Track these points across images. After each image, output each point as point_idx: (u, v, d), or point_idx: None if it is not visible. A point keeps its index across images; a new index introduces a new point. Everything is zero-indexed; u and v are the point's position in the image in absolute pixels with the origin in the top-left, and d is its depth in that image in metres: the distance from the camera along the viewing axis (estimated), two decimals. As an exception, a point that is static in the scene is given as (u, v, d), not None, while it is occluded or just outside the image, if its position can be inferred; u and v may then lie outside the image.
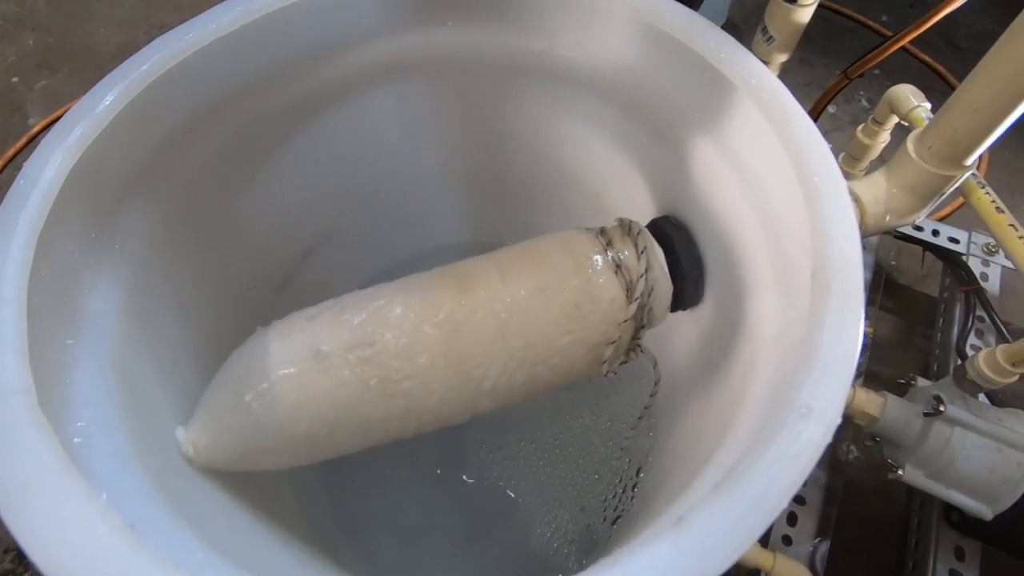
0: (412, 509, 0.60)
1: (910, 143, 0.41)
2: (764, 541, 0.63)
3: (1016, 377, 0.55)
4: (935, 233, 0.86)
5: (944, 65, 1.18)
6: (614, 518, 0.53)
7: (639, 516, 0.41)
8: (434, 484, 0.61)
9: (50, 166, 0.27)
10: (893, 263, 0.99)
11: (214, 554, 0.25)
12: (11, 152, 1.04)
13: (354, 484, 0.59)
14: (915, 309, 0.97)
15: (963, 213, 1.03)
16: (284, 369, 0.36)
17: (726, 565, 0.19)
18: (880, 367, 0.89)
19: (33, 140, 1.04)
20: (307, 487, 0.54)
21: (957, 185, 0.41)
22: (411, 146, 0.52)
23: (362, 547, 0.56)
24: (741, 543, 0.19)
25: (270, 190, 0.45)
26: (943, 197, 0.43)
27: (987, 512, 0.57)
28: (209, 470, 0.35)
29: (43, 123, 1.07)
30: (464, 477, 0.61)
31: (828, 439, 0.21)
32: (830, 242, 0.25)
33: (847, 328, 0.22)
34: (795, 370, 0.22)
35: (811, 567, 0.61)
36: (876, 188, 0.43)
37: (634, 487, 0.53)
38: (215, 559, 0.24)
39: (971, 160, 0.39)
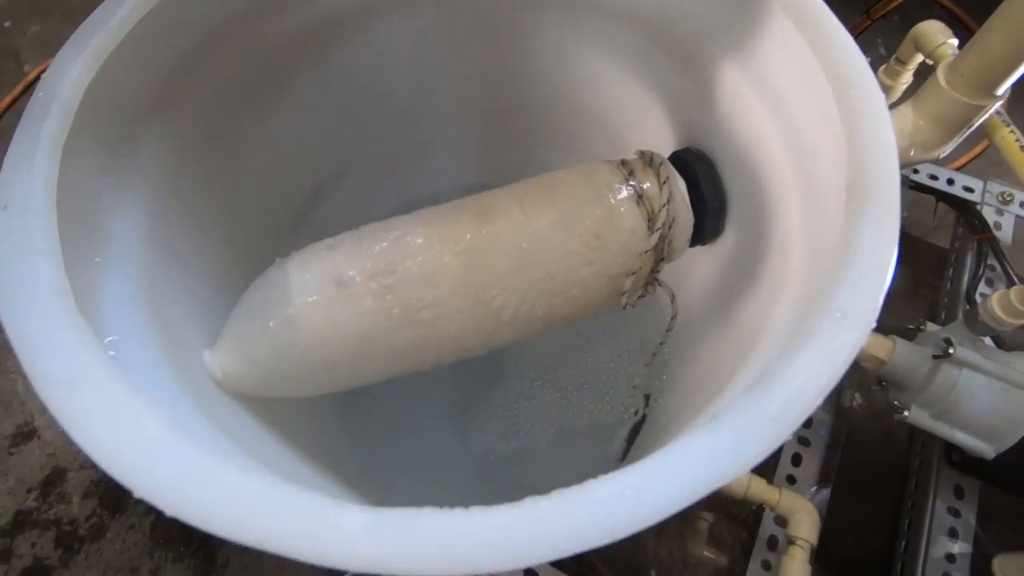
0: (425, 448, 0.62)
1: (940, 72, 0.40)
2: (770, 478, 0.65)
3: (1027, 319, 0.55)
4: (950, 182, 0.86)
5: (967, 12, 1.14)
6: (624, 453, 0.55)
7: (651, 446, 0.42)
8: (448, 424, 0.62)
9: (68, 77, 0.27)
10: (905, 214, 0.98)
11: (250, 459, 0.25)
12: (8, 99, 1.02)
13: (369, 422, 0.60)
14: (924, 260, 0.96)
15: (978, 164, 1.01)
16: (306, 297, 0.36)
17: (762, 456, 0.19)
18: (888, 316, 0.89)
19: (30, 87, 1.02)
20: (326, 422, 0.55)
21: (985, 117, 0.40)
22: (424, 80, 0.51)
23: (378, 483, 0.57)
24: (776, 438, 0.19)
25: (281, 123, 0.44)
26: (969, 130, 0.42)
27: (990, 451, 0.59)
28: (236, 395, 0.35)
29: (38, 69, 1.05)
30: (478, 416, 0.63)
31: (862, 343, 0.21)
32: (868, 153, 0.24)
33: (884, 236, 0.22)
34: (829, 278, 0.22)
35: (815, 504, 0.63)
36: (902, 120, 0.42)
37: (640, 427, 0.54)
38: (250, 463, 0.25)
39: (1003, 88, 0.38)
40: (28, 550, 0.78)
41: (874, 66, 0.87)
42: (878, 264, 0.22)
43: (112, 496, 0.80)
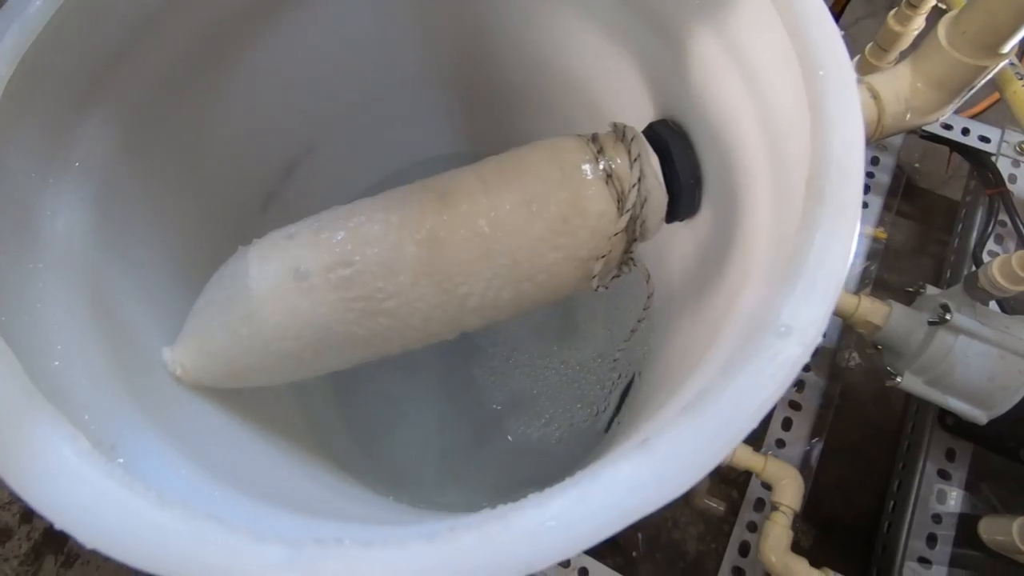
0: (416, 421, 0.62)
1: (941, 29, 0.36)
2: (758, 444, 0.65)
3: (1029, 285, 0.53)
4: (965, 132, 0.81)
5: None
6: (605, 427, 0.55)
7: (628, 425, 0.42)
8: (437, 392, 0.62)
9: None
10: (916, 165, 0.94)
11: (198, 471, 0.26)
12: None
13: (361, 396, 0.61)
14: (934, 214, 0.93)
15: (997, 110, 0.95)
16: (265, 290, 0.35)
17: (687, 486, 0.19)
18: (891, 274, 0.87)
19: None
20: (312, 402, 0.55)
21: (988, 78, 0.37)
22: (393, 50, 0.48)
23: (373, 456, 0.59)
24: (704, 466, 0.19)
25: (242, 100, 0.43)
26: (970, 93, 0.39)
27: (982, 417, 0.58)
28: (201, 388, 0.35)
29: None
30: (463, 392, 0.63)
31: (806, 359, 0.20)
32: (828, 146, 0.22)
33: (837, 244, 0.21)
34: (779, 286, 0.21)
35: (805, 465, 0.64)
36: (899, 82, 0.39)
37: (622, 401, 0.54)
38: (197, 476, 0.25)
39: (1008, 47, 0.35)
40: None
41: (884, 10, 0.81)
42: (828, 275, 0.20)
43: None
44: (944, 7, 0.51)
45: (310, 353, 0.37)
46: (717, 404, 0.19)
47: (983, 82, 0.38)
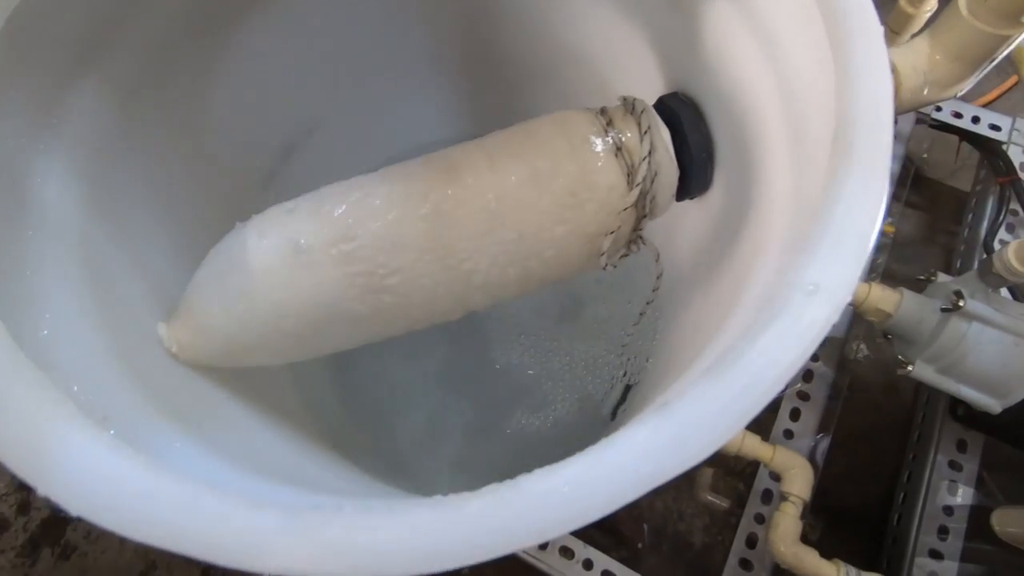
0: (418, 407, 0.61)
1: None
2: (765, 435, 0.64)
3: (1046, 269, 0.52)
4: (975, 120, 0.80)
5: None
6: (612, 413, 0.54)
7: (636, 410, 0.41)
8: (438, 378, 0.61)
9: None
10: (924, 155, 0.92)
11: (193, 444, 0.24)
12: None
13: (360, 381, 0.60)
14: (942, 205, 0.91)
15: (1007, 100, 0.94)
16: (264, 266, 0.34)
17: (708, 452, 0.18)
18: (900, 265, 0.86)
19: None
20: (310, 386, 0.54)
21: (1010, 50, 0.36)
22: (398, 26, 0.47)
23: (372, 441, 0.58)
24: (727, 429, 0.17)
25: (241, 76, 0.42)
26: (990, 66, 0.38)
27: (996, 406, 0.57)
28: (198, 367, 0.34)
29: None
30: (466, 378, 0.62)
31: (835, 319, 0.19)
32: (855, 100, 0.21)
33: (865, 199, 0.19)
34: (804, 243, 0.20)
35: (811, 460, 0.62)
36: (917, 55, 0.38)
37: (629, 387, 0.52)
38: (191, 449, 0.24)
39: (1032, 16, 0.34)
40: (46, 501, 0.81)
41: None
42: (857, 230, 0.19)
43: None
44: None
45: (310, 332, 0.36)
46: (740, 365, 0.18)
47: (1004, 54, 0.36)
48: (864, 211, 0.19)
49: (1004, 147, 0.76)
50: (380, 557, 0.16)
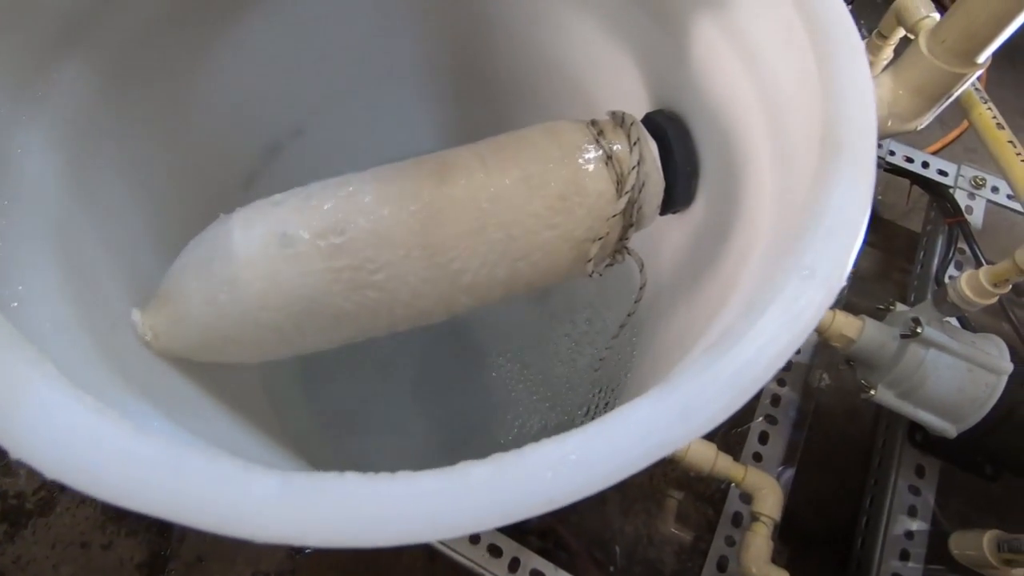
0: (389, 423, 0.60)
1: (922, 38, 0.38)
2: (736, 456, 0.65)
3: (994, 299, 0.55)
4: (925, 165, 0.85)
5: (949, -6, 1.13)
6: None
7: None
8: (411, 394, 0.60)
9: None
10: (879, 197, 0.98)
11: (171, 425, 0.23)
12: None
13: (331, 393, 0.58)
14: (896, 244, 0.97)
15: (952, 149, 1.02)
16: (248, 255, 0.33)
17: (712, 424, 0.18)
18: (859, 298, 0.90)
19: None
20: (280, 393, 0.52)
21: (964, 87, 0.39)
22: (386, 35, 0.48)
23: (341, 453, 0.55)
24: (730, 403, 0.18)
25: (229, 71, 0.41)
26: (948, 101, 0.41)
27: (952, 430, 0.59)
28: (170, 357, 0.33)
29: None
30: (439, 394, 0.61)
31: (829, 302, 0.19)
32: (843, 104, 0.23)
33: (856, 189, 0.21)
34: (797, 235, 0.21)
35: (780, 479, 0.63)
36: (881, 89, 0.40)
37: (608, 403, 0.53)
38: (170, 428, 0.23)
39: (984, 57, 0.37)
40: (-30, 526, 0.74)
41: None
42: (849, 219, 0.20)
43: (61, 469, 0.77)
44: (912, 37, 0.54)
45: (291, 326, 0.35)
46: (741, 344, 0.19)
47: (960, 91, 0.40)
48: (855, 203, 0.21)
49: (951, 191, 0.82)
50: (382, 525, 0.16)
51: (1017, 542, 0.55)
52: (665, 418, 0.17)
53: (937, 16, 0.54)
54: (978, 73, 0.38)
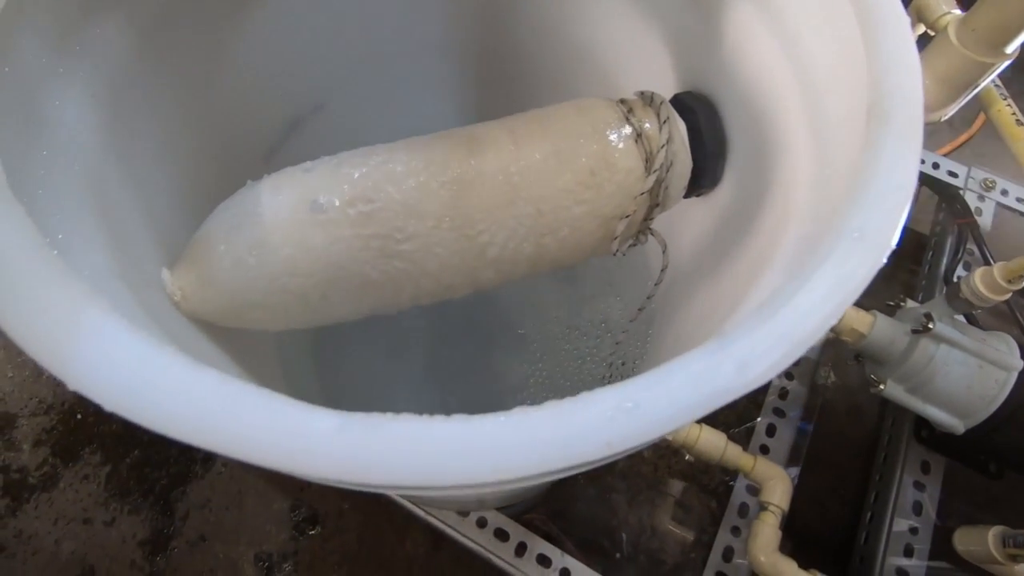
0: (400, 407, 0.60)
1: (952, 28, 0.39)
2: (744, 447, 0.65)
3: (1008, 295, 0.56)
4: (935, 166, 0.86)
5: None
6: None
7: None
8: (423, 375, 0.60)
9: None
10: (888, 198, 0.99)
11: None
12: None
13: (345, 374, 0.58)
14: (904, 244, 0.97)
15: (962, 151, 1.02)
16: (278, 220, 0.33)
17: (767, 377, 0.18)
18: (866, 298, 0.90)
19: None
20: (296, 373, 0.52)
21: (990, 79, 0.39)
22: (411, 12, 0.48)
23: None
24: (786, 356, 0.18)
25: (257, 41, 0.41)
26: (973, 92, 0.41)
27: (959, 426, 0.59)
28: (196, 320, 0.33)
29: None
30: (451, 377, 0.61)
31: (880, 263, 0.20)
32: (890, 75, 0.23)
33: (904, 155, 0.21)
34: (846, 200, 0.21)
35: (788, 469, 0.63)
36: (907, 78, 0.40)
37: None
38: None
39: (1013, 47, 0.37)
40: (-27, 499, 0.74)
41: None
42: (898, 183, 0.20)
43: (65, 445, 0.76)
44: (933, 33, 0.54)
45: (318, 295, 0.35)
46: (793, 302, 0.19)
47: (985, 82, 0.40)
48: (904, 168, 0.21)
49: (961, 192, 0.82)
50: (441, 462, 0.16)
51: (1022, 537, 0.55)
52: (721, 368, 0.17)
53: (958, 12, 0.55)
54: (1006, 64, 0.39)
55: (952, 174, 0.86)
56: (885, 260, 0.19)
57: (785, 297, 0.19)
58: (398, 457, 0.16)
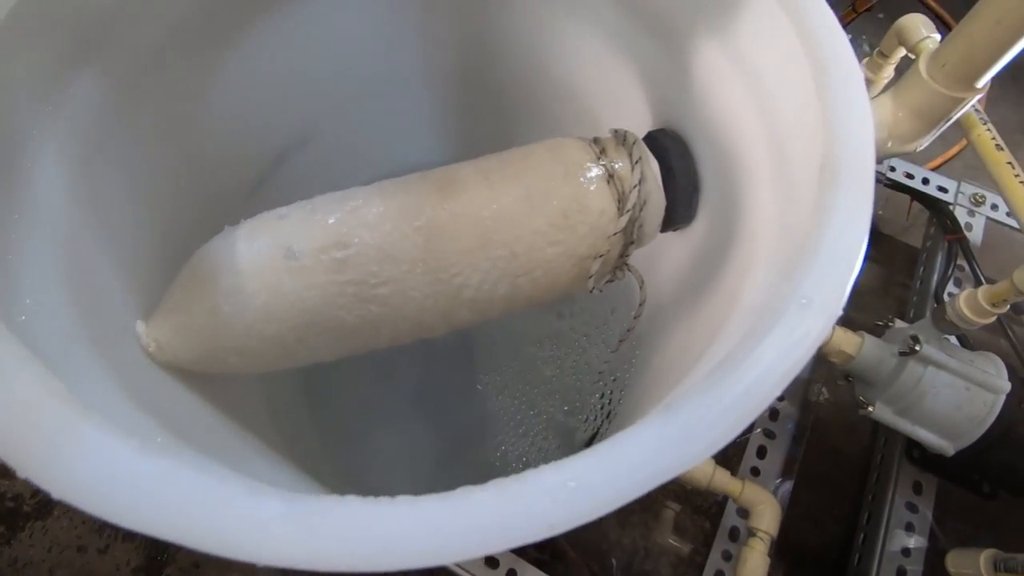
0: (390, 430, 0.60)
1: (922, 62, 0.39)
2: (734, 470, 0.65)
3: (992, 318, 0.56)
4: (925, 181, 0.86)
5: (951, 13, 1.14)
6: (589, 440, 0.54)
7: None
8: (410, 403, 0.60)
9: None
10: (879, 212, 0.99)
11: (176, 441, 0.23)
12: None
13: (334, 402, 0.58)
14: (896, 259, 0.97)
15: (952, 165, 1.02)
16: (253, 268, 0.34)
17: (713, 450, 0.18)
18: (857, 313, 0.90)
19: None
20: (282, 404, 0.53)
21: (964, 111, 0.40)
22: (397, 47, 0.49)
23: (340, 464, 0.56)
24: (731, 428, 0.18)
25: (237, 81, 0.42)
26: (947, 124, 0.41)
27: (949, 448, 0.59)
28: (173, 369, 0.33)
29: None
30: (440, 402, 0.61)
31: (828, 329, 0.20)
32: (841, 132, 0.23)
33: (854, 217, 0.21)
34: (796, 263, 0.21)
35: (777, 494, 0.63)
36: (881, 111, 0.41)
37: (608, 414, 0.53)
38: (174, 444, 0.23)
39: (983, 81, 0.37)
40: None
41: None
42: (847, 250, 0.20)
43: (59, 472, 0.77)
44: (914, 56, 0.54)
45: (294, 339, 0.35)
46: (740, 370, 0.19)
47: (960, 113, 0.40)
48: (852, 233, 0.21)
49: (951, 207, 0.82)
50: (384, 548, 0.16)
51: (1014, 561, 0.55)
52: (666, 444, 0.17)
53: (938, 37, 0.55)
54: (977, 97, 0.39)
55: (942, 189, 0.86)
56: (833, 326, 0.20)
57: (730, 367, 0.19)
58: (343, 544, 0.16)
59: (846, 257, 0.20)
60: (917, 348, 0.58)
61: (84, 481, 0.16)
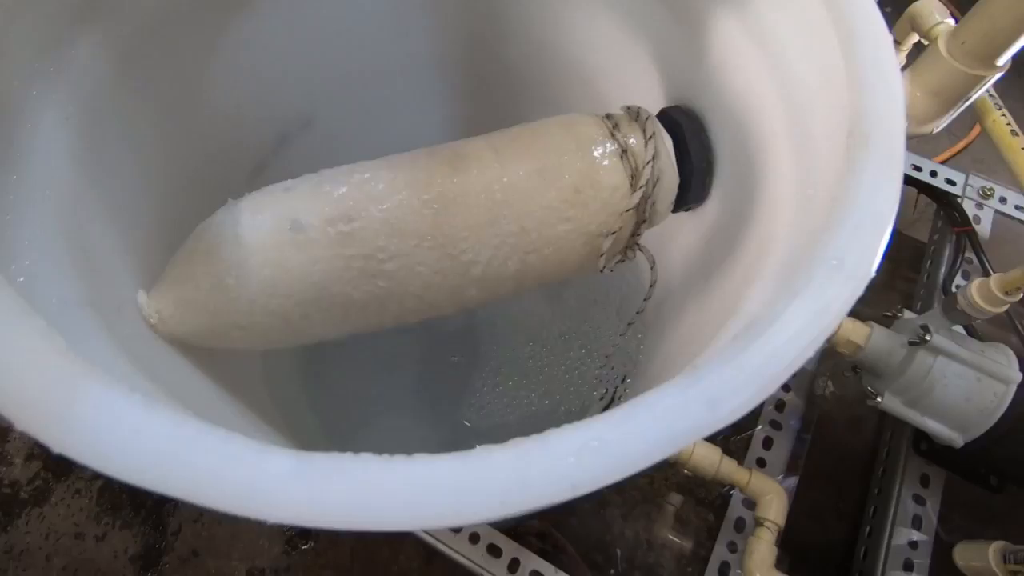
0: (391, 418, 0.59)
1: (941, 41, 0.38)
2: (740, 460, 0.64)
3: (1005, 307, 0.55)
4: (933, 174, 0.85)
5: (958, 7, 1.14)
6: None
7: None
8: (411, 389, 0.60)
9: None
10: (886, 206, 0.98)
11: (178, 407, 0.23)
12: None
13: (334, 393, 0.58)
14: (902, 253, 0.96)
15: (960, 158, 1.02)
16: (258, 240, 0.33)
17: (738, 414, 0.17)
18: (863, 306, 0.89)
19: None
20: (284, 393, 0.52)
21: (982, 91, 0.39)
22: (402, 27, 0.48)
23: (335, 438, 0.55)
24: (757, 393, 0.17)
25: (240, 56, 0.41)
26: (965, 105, 0.41)
27: (958, 439, 0.58)
28: (176, 341, 0.32)
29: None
30: (442, 390, 0.60)
31: (858, 294, 0.19)
32: (870, 98, 0.22)
33: (885, 181, 0.20)
34: (824, 227, 0.20)
35: (784, 484, 0.62)
36: (898, 91, 0.40)
37: (615, 396, 0.52)
38: (177, 410, 0.22)
39: (1003, 60, 0.37)
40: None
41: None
42: (878, 210, 0.20)
43: (57, 459, 0.76)
44: (927, 42, 0.54)
45: (299, 315, 0.34)
46: (767, 335, 0.18)
47: (977, 95, 0.39)
48: (883, 195, 0.20)
49: (959, 200, 0.82)
50: (401, 506, 0.15)
51: (1023, 553, 0.54)
52: (691, 406, 0.17)
53: (952, 21, 0.54)
54: (997, 76, 0.38)
55: (950, 182, 0.85)
56: (862, 291, 0.19)
57: (758, 331, 0.18)
58: (355, 500, 0.15)
59: (877, 219, 0.20)
60: (927, 338, 0.57)
61: (85, 435, 0.15)
